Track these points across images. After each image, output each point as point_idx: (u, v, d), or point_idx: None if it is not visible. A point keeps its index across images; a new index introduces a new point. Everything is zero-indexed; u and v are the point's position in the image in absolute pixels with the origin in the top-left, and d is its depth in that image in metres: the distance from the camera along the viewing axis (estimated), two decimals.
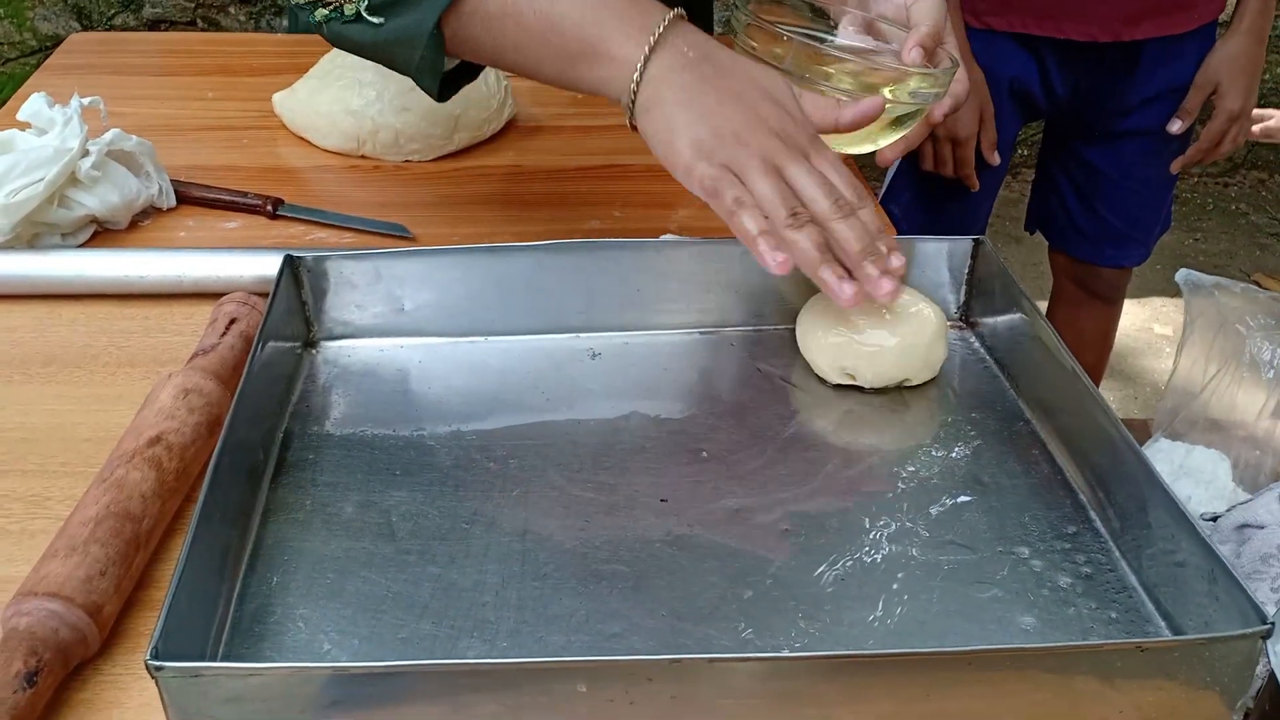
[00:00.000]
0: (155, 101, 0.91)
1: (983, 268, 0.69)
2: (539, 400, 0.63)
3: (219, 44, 1.14)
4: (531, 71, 0.65)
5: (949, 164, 1.33)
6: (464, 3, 0.62)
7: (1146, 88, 1.36)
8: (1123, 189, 1.44)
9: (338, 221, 0.78)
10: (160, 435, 0.53)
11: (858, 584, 0.50)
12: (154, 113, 0.88)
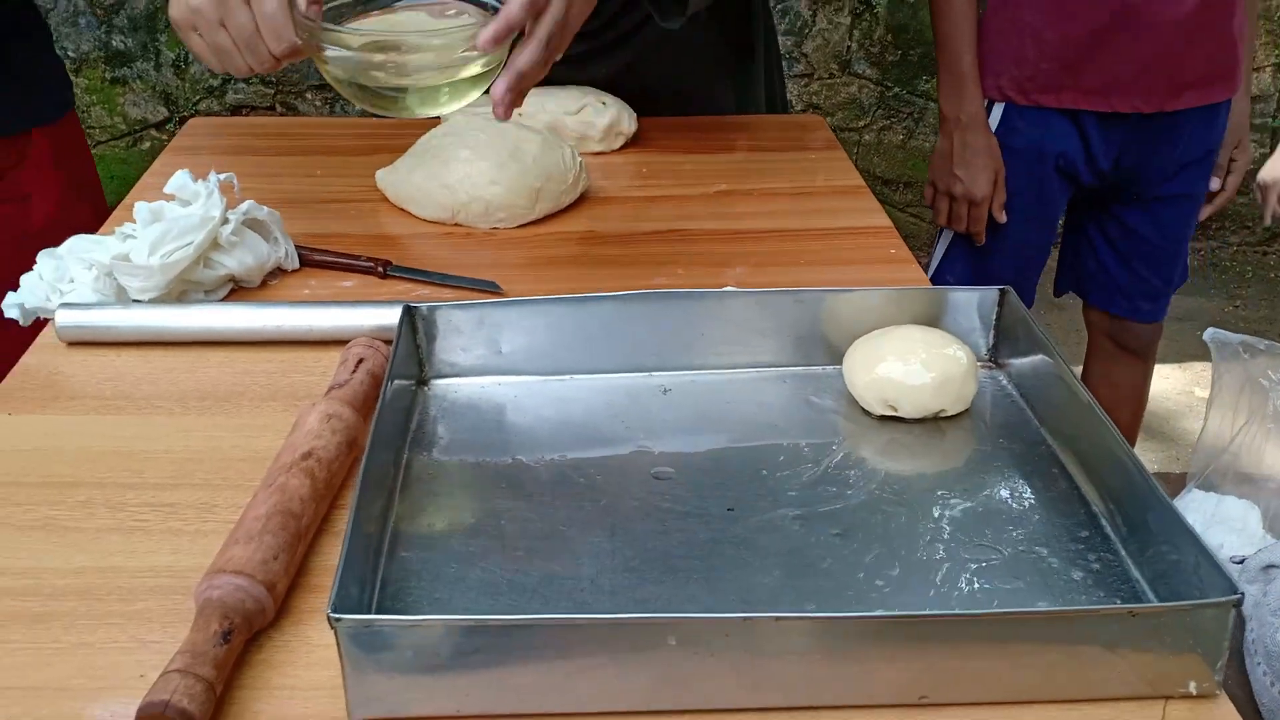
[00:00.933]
0: (272, 178, 1.03)
1: (1008, 315, 0.78)
2: (619, 429, 0.72)
3: (319, 128, 1.27)
4: None
5: (963, 221, 1.44)
6: None
7: (1185, 154, 1.47)
8: (1159, 248, 1.53)
9: (438, 280, 0.90)
10: (311, 451, 0.63)
11: (901, 578, 0.59)
12: (272, 187, 1.00)
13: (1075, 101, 1.41)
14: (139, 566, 0.60)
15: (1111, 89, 1.40)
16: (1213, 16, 1.37)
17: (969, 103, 1.41)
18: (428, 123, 1.07)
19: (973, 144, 1.42)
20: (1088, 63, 1.39)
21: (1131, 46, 1.37)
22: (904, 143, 2.81)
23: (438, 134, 1.03)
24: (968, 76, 1.41)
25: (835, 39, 2.68)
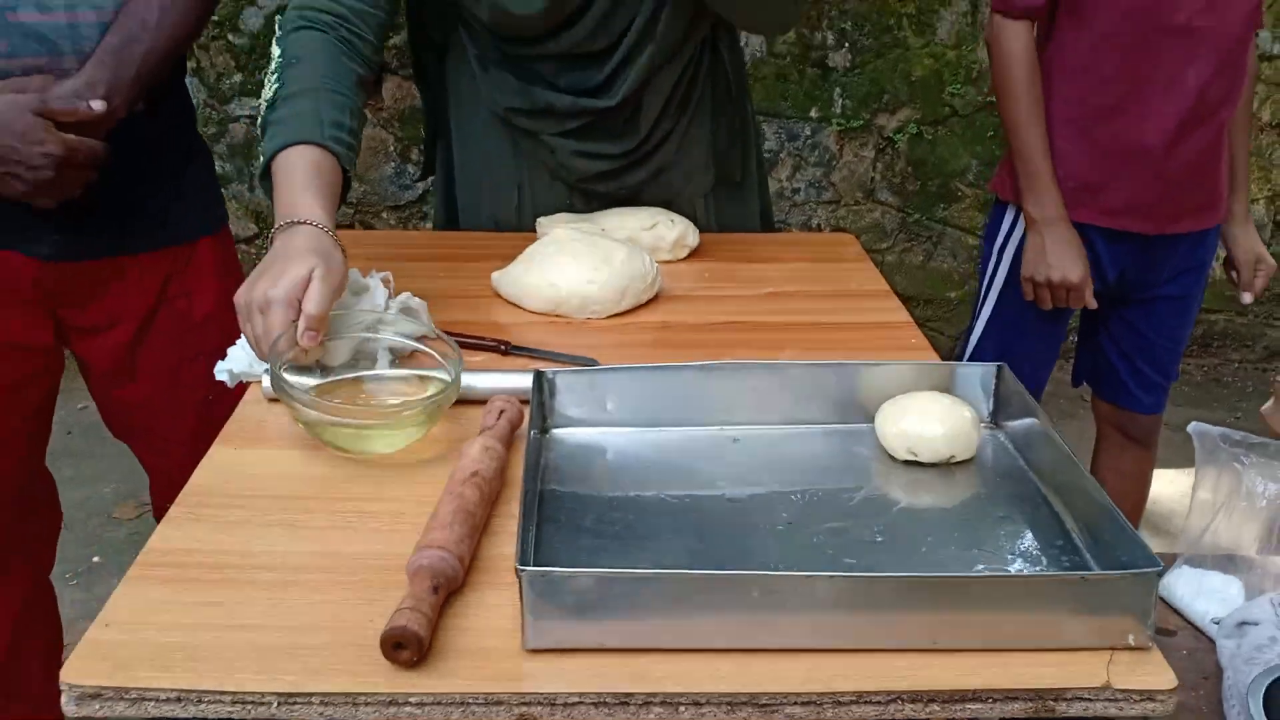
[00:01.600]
0: (407, 278, 1.26)
1: (1004, 386, 1.00)
2: (699, 469, 0.94)
3: (437, 240, 1.51)
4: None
5: (1048, 303, 1.65)
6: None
7: (1179, 265, 1.71)
8: (1157, 345, 1.76)
9: (547, 356, 1.12)
10: (477, 470, 0.85)
11: (921, 567, 0.79)
12: (408, 286, 1.23)
13: (1090, 219, 1.64)
14: (354, 552, 0.81)
15: (1121, 212, 1.64)
16: (1206, 160, 1.62)
17: (1050, 203, 1.61)
18: (532, 235, 1.31)
19: (1061, 237, 1.61)
20: (1103, 189, 1.63)
21: (1140, 180, 1.61)
22: (924, 263, 3.06)
23: (543, 244, 1.27)
24: (1045, 180, 1.61)
25: (860, 170, 2.96)
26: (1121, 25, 1.54)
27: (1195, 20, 1.51)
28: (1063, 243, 1.62)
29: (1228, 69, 1.57)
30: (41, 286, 1.33)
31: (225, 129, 2.87)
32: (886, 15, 2.77)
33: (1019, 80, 1.59)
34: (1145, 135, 1.57)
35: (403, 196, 2.96)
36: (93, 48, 1.23)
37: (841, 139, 2.92)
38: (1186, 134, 1.57)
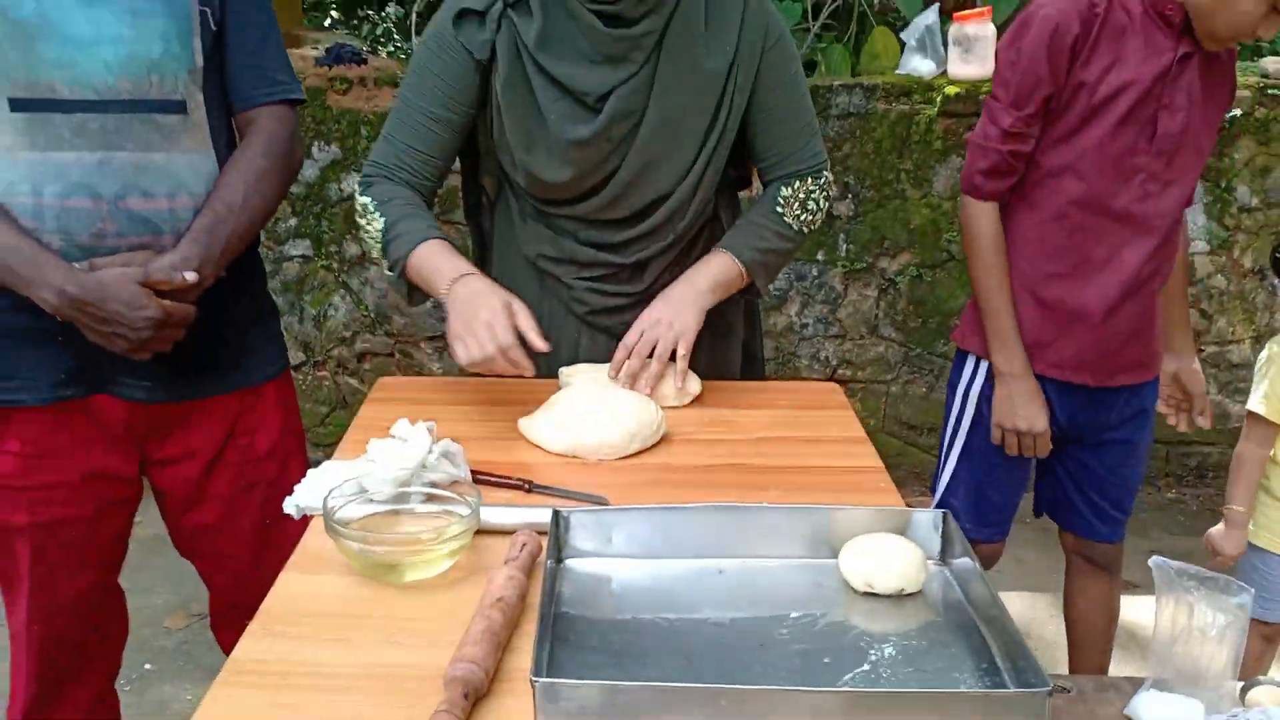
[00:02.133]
0: (445, 421, 1.46)
1: (949, 531, 1.17)
2: (689, 595, 1.11)
3: (472, 386, 1.71)
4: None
5: (1031, 450, 1.83)
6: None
7: (1122, 414, 1.88)
8: (1108, 481, 1.92)
9: (564, 494, 1.31)
10: (502, 596, 1.03)
11: (867, 680, 0.96)
12: (446, 429, 1.43)
13: (1041, 370, 1.83)
14: (399, 663, 0.99)
15: (1068, 366, 1.82)
16: (1141, 324, 1.82)
17: (1017, 359, 1.80)
18: (555, 384, 1.52)
19: (1027, 389, 1.80)
20: (1050, 346, 1.82)
21: (1084, 340, 1.80)
22: (926, 394, 3.24)
23: (564, 394, 1.47)
24: (1011, 338, 1.80)
25: (865, 308, 3.17)
26: (1068, 209, 1.75)
27: (1132, 207, 1.72)
28: (1028, 395, 1.80)
29: (1161, 247, 1.77)
30: (130, 425, 1.54)
31: (280, 266, 3.13)
32: (886, 170, 3.02)
33: (987, 252, 1.80)
34: (1088, 302, 1.76)
35: (440, 328, 3.19)
36: (187, 228, 1.46)
37: (846, 279, 3.14)
38: (1124, 302, 1.77)
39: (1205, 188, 3.03)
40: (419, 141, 1.59)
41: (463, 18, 1.55)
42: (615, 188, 1.60)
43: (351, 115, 3.00)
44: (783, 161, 1.65)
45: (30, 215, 1.39)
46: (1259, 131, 2.98)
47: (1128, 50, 1.66)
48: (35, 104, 1.37)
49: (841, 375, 3.22)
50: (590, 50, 1.53)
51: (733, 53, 1.57)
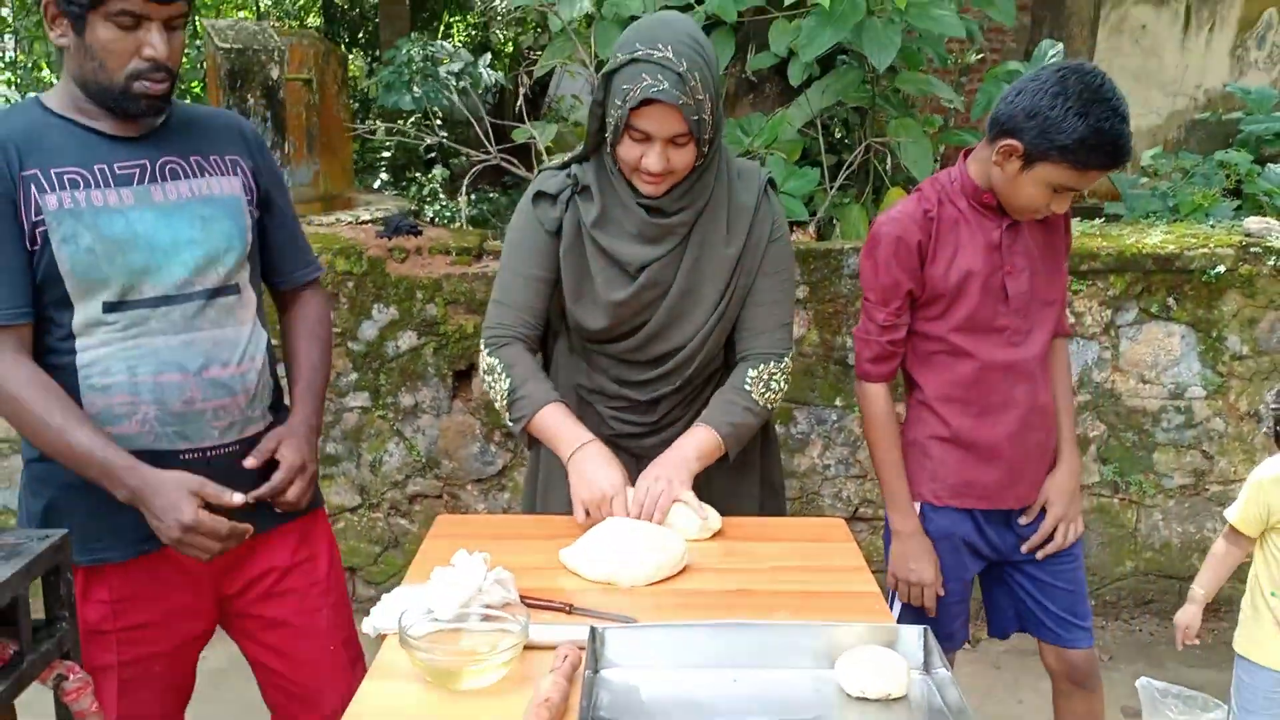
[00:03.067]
0: (496, 554, 1.68)
1: (929, 644, 1.36)
2: (708, 701, 1.30)
3: (518, 525, 1.94)
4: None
5: (920, 599, 2.06)
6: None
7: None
8: (1056, 588, 2.13)
9: (600, 615, 1.51)
10: (548, 698, 1.23)
11: None
12: (500, 559, 1.64)
13: (969, 505, 2.06)
14: None
15: (990, 496, 2.06)
16: (1045, 447, 2.07)
17: (908, 518, 2.06)
18: (593, 520, 1.74)
19: (917, 547, 2.05)
20: (972, 482, 2.05)
21: (998, 469, 2.03)
22: None
23: (599, 530, 1.69)
24: (903, 500, 2.06)
25: None
26: (958, 368, 2.00)
27: (1006, 357, 1.98)
28: (920, 551, 2.04)
29: (1042, 382, 2.03)
30: (208, 566, 1.72)
31: (340, 417, 3.40)
32: None
33: (881, 427, 2.07)
34: (995, 439, 2.01)
35: (486, 471, 3.43)
36: (256, 388, 1.73)
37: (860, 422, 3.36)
38: (1025, 431, 2.02)
39: (1198, 337, 3.24)
40: (525, 298, 1.94)
41: (539, 198, 1.93)
42: (641, 338, 1.93)
43: (408, 281, 3.32)
44: (757, 339, 1.95)
45: (126, 391, 1.62)
46: (1244, 286, 3.21)
47: (963, 238, 1.96)
48: (127, 304, 1.62)
49: (864, 514, 3.40)
50: (635, 231, 1.87)
51: (744, 243, 1.90)
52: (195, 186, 1.69)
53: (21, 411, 1.58)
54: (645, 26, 1.78)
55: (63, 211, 1.58)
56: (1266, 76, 8.64)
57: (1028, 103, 1.82)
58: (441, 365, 3.36)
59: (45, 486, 1.70)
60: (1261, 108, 5.51)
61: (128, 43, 1.56)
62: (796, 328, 3.29)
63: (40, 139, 1.61)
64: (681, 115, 1.72)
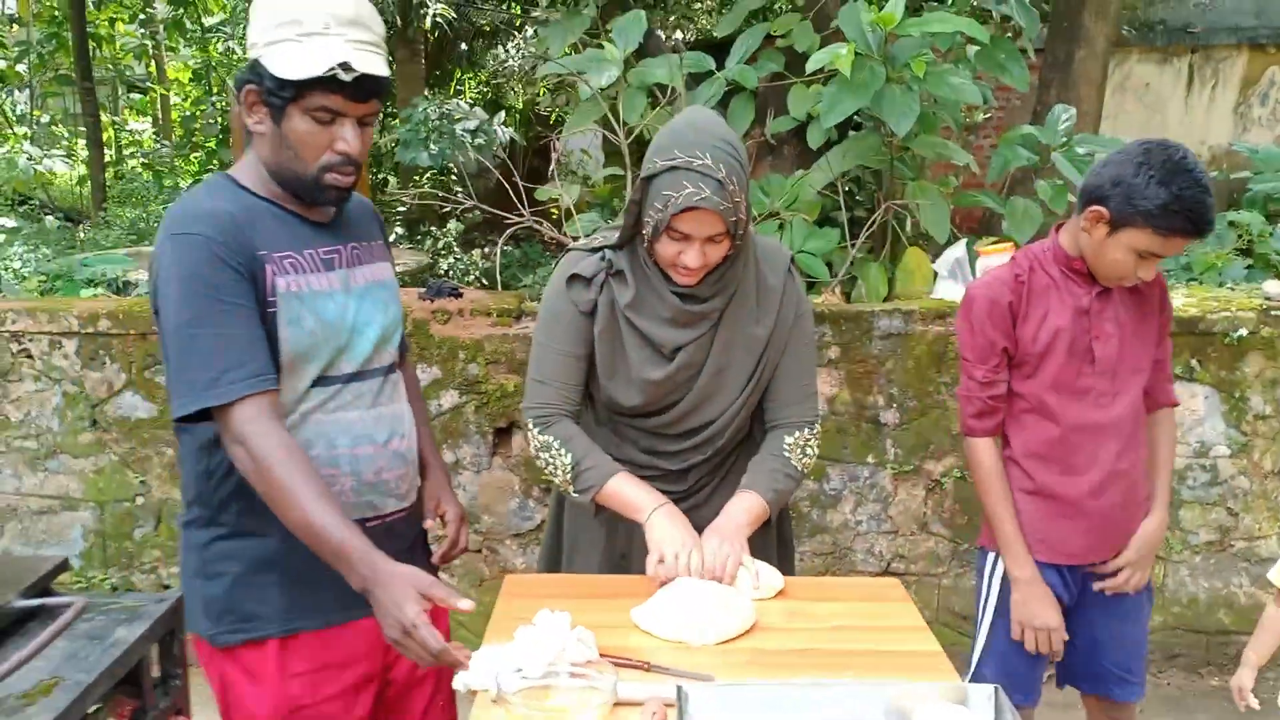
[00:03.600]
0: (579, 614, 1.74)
1: (1000, 702, 1.43)
2: None
3: (585, 584, 2.01)
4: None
5: (1046, 645, 2.12)
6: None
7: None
8: (1116, 646, 2.22)
9: (678, 673, 1.58)
10: None
11: None
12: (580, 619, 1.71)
13: (1051, 560, 2.16)
14: None
15: (1072, 552, 2.16)
16: (1126, 508, 2.15)
17: (1025, 564, 2.13)
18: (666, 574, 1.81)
19: (1038, 593, 2.13)
20: (1056, 538, 2.16)
21: (1080, 527, 2.14)
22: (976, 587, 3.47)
23: (669, 591, 1.77)
24: (1019, 548, 2.14)
25: (914, 506, 3.45)
26: (1046, 427, 2.12)
27: (1092, 419, 2.08)
28: (1040, 597, 2.13)
29: (1127, 445, 2.12)
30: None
31: None
32: (926, 383, 3.36)
33: (990, 479, 2.17)
34: (1080, 497, 2.12)
35: (524, 526, 3.50)
36: (415, 456, 1.85)
37: (896, 480, 3.44)
38: (1107, 491, 2.11)
39: (1221, 397, 3.33)
40: (564, 375, 2.02)
41: (574, 280, 2.00)
42: (675, 414, 2.02)
43: (451, 342, 3.41)
44: (788, 410, 2.05)
45: (328, 464, 1.70)
46: (1265, 348, 3.30)
47: (1053, 302, 2.09)
48: (329, 379, 1.72)
49: (895, 569, 3.47)
50: (669, 316, 1.96)
51: (773, 322, 2.00)
52: (371, 271, 1.81)
53: (271, 477, 1.58)
54: (680, 132, 1.87)
55: (290, 295, 1.66)
56: (1269, 134, 8.83)
57: (1114, 172, 1.95)
58: (483, 423, 3.44)
59: (231, 563, 1.72)
60: (1268, 166, 5.64)
61: (322, 136, 1.64)
62: (829, 387, 3.38)
63: (256, 221, 1.66)
64: (721, 218, 1.82)
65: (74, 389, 3.45)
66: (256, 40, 1.63)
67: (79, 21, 13.00)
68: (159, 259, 1.63)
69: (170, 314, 1.60)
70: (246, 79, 1.65)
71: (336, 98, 1.62)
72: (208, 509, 1.73)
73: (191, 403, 1.59)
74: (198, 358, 1.58)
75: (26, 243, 10.05)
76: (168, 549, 3.55)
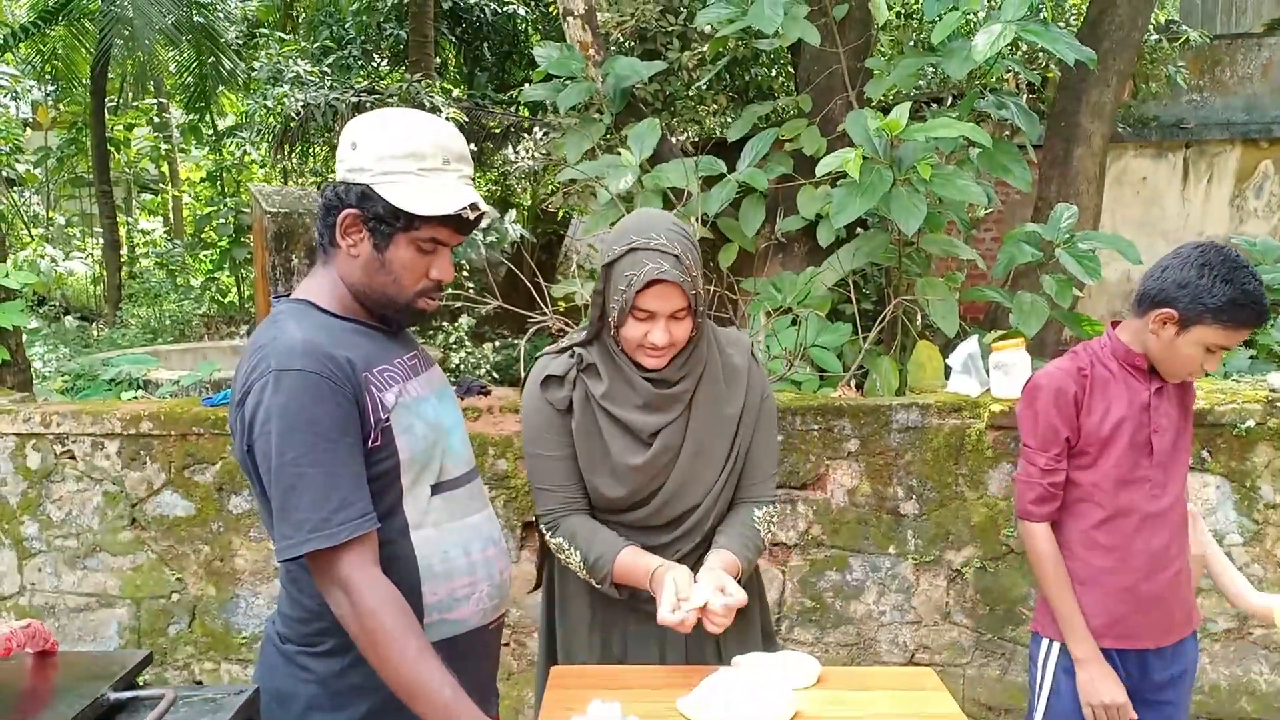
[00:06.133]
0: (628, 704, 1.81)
1: None
2: None
3: (635, 674, 2.08)
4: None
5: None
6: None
7: (1170, 670, 2.29)
8: None
9: None
10: None
11: None
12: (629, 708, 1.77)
13: (1106, 645, 2.24)
14: None
15: (1128, 635, 2.24)
16: (1176, 593, 2.25)
17: (1087, 644, 2.22)
18: (706, 669, 1.88)
19: (1102, 671, 2.20)
20: (1110, 622, 2.23)
21: (1134, 611, 2.22)
22: (1000, 676, 3.50)
23: (715, 679, 1.83)
24: (1080, 628, 2.22)
25: (935, 596, 3.50)
26: (1101, 515, 2.23)
27: (1146, 507, 2.19)
28: (1105, 674, 2.20)
29: (1178, 532, 2.24)
30: None
31: None
32: (945, 475, 3.45)
33: (1048, 563, 2.26)
34: (1132, 583, 2.21)
35: None
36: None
37: (917, 570, 3.50)
38: (1158, 576, 2.21)
39: (1232, 487, 3.41)
40: (560, 478, 2.09)
41: (548, 382, 2.10)
42: (658, 503, 2.09)
43: (480, 438, 3.51)
44: (757, 487, 2.14)
45: (465, 572, 1.74)
46: (1274, 438, 3.39)
47: (1114, 395, 2.21)
48: (444, 484, 1.75)
49: (920, 659, 3.50)
50: (642, 402, 2.06)
51: (741, 402, 2.11)
52: (435, 373, 1.87)
53: (377, 630, 1.55)
54: (634, 222, 2.02)
55: (400, 405, 1.69)
56: (1266, 225, 9.03)
57: (1176, 275, 2.09)
58: (510, 517, 3.52)
59: (361, 697, 1.68)
60: (1267, 257, 5.79)
61: (422, 264, 1.71)
62: (849, 479, 3.47)
63: (346, 343, 1.67)
64: (682, 291, 1.95)
65: (114, 488, 3.54)
66: (365, 167, 1.66)
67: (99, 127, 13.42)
68: (263, 394, 1.59)
69: (274, 451, 1.58)
70: (348, 204, 1.67)
71: (447, 230, 1.70)
72: (343, 636, 1.63)
73: (300, 545, 1.57)
74: (306, 497, 1.57)
75: (46, 342, 10.27)
76: (200, 645, 3.60)
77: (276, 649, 1.76)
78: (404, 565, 1.68)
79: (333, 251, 1.74)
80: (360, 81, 9.58)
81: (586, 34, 5.18)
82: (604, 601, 2.12)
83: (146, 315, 12.38)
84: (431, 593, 1.70)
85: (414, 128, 1.68)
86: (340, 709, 1.70)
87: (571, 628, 2.18)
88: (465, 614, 1.76)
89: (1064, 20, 7.75)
